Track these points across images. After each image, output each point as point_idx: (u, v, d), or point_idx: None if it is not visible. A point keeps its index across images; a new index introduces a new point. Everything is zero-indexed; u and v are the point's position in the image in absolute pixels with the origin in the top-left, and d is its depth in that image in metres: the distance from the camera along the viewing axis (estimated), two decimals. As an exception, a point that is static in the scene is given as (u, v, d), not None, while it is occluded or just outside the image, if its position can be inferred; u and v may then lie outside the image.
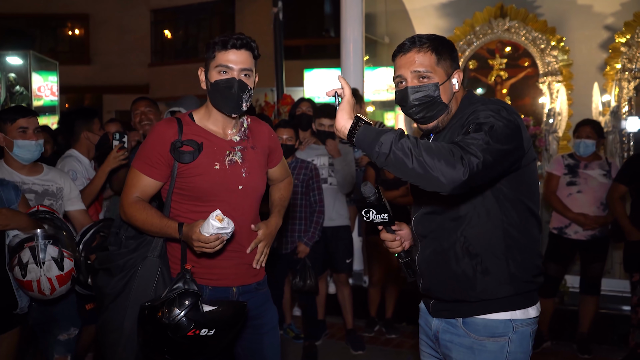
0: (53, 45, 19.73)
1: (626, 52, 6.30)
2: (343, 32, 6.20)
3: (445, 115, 1.95)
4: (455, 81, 1.95)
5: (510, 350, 1.92)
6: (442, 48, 1.93)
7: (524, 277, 1.91)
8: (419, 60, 1.91)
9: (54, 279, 2.66)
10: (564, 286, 4.96)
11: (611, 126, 6.07)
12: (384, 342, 4.87)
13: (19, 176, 3.04)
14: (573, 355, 4.55)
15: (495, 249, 1.89)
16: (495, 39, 7.08)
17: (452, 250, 1.93)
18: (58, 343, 3.07)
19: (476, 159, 1.66)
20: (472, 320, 1.94)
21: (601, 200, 4.50)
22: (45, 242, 2.65)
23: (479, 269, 1.90)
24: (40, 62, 9.12)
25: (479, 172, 1.67)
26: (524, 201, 1.90)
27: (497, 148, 1.72)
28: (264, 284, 2.47)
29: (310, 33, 17.09)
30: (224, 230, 2.04)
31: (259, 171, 2.39)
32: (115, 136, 3.58)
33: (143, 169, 2.26)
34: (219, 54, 2.19)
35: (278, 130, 4.21)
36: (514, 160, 1.82)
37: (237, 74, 2.20)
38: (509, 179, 1.87)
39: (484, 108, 1.83)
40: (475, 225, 1.90)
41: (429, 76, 1.91)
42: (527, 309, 1.94)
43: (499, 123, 1.76)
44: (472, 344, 1.94)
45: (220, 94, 2.21)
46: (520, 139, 1.81)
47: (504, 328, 1.91)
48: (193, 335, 2.02)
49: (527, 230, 1.92)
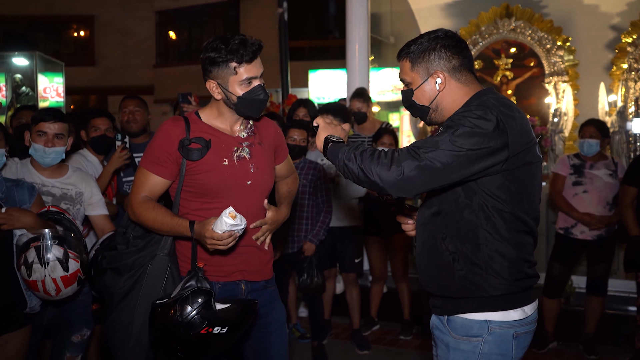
0: (57, 47, 19.78)
1: (632, 52, 6.28)
2: (348, 33, 6.20)
3: (434, 113, 2.01)
4: (440, 80, 1.95)
5: (484, 352, 1.91)
6: (420, 51, 1.96)
7: (503, 280, 1.89)
8: (400, 67, 2.04)
9: (59, 279, 2.63)
10: (569, 286, 4.94)
11: (617, 126, 6.05)
12: (389, 342, 4.87)
13: (39, 177, 3.02)
14: (579, 355, 4.54)
15: (471, 250, 1.89)
16: (501, 39, 7.05)
17: (435, 244, 1.96)
18: (71, 344, 3.08)
19: (414, 161, 1.75)
20: (453, 318, 1.96)
21: (607, 200, 4.49)
22: (50, 243, 2.63)
23: (457, 266, 1.91)
24: (46, 63, 9.14)
25: (418, 174, 1.75)
26: (506, 206, 1.87)
27: (453, 153, 1.75)
28: (271, 283, 2.47)
29: (314, 34, 17.10)
30: (237, 227, 2.05)
31: (266, 167, 2.39)
32: (117, 137, 3.58)
33: (151, 168, 2.26)
34: (240, 69, 2.20)
35: (290, 130, 4.21)
36: (489, 165, 1.80)
37: (260, 80, 2.26)
38: (490, 182, 1.85)
39: (467, 110, 1.84)
40: (453, 224, 1.91)
41: (406, 82, 2.04)
42: (508, 312, 1.91)
43: (467, 129, 1.77)
44: (449, 342, 1.96)
45: (250, 104, 2.25)
46: (500, 142, 1.78)
47: (478, 329, 1.91)
48: (206, 333, 2.02)
49: (510, 235, 1.89)
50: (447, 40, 1.97)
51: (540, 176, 1.99)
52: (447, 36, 1.98)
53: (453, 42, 1.97)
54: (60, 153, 3.01)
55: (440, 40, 1.97)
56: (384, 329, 5.11)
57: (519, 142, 1.83)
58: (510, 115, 1.84)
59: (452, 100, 1.97)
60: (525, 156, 1.87)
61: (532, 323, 1.98)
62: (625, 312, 4.77)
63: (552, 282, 4.64)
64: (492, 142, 1.78)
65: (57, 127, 2.98)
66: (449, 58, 1.96)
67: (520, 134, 1.84)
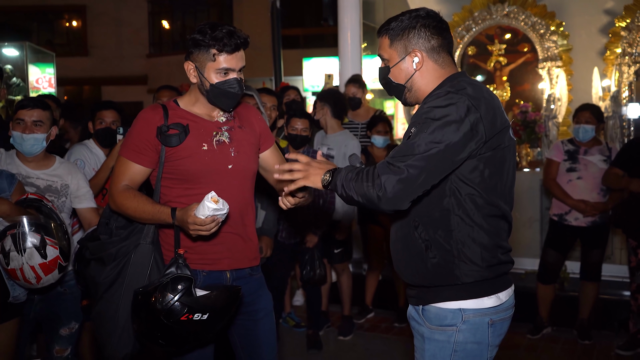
0: (50, 37, 19.66)
1: (626, 37, 6.24)
2: (340, 20, 6.16)
3: (409, 93, 1.99)
4: (417, 59, 1.93)
5: (458, 340, 1.89)
6: (399, 29, 1.94)
7: (476, 266, 1.86)
8: (379, 44, 2.01)
9: (37, 267, 2.60)
10: (564, 272, 4.95)
11: (611, 111, 6.02)
12: (384, 329, 4.87)
13: (24, 169, 2.98)
14: (573, 341, 4.55)
15: (443, 237, 1.87)
16: (494, 25, 7.01)
17: (409, 232, 1.93)
18: (60, 337, 3.06)
19: (395, 176, 1.72)
20: (428, 308, 1.94)
21: (601, 186, 4.47)
22: (27, 230, 2.58)
23: (430, 254, 1.89)
24: (36, 54, 9.05)
25: (403, 188, 1.71)
26: (478, 191, 1.84)
27: (431, 152, 1.72)
28: (257, 270, 2.46)
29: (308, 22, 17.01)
30: (220, 212, 2.02)
31: (248, 150, 2.37)
32: (118, 130, 3.54)
33: (131, 157, 2.25)
34: (220, 57, 2.18)
35: (292, 120, 4.14)
36: (470, 150, 1.77)
37: (237, 74, 2.23)
38: (463, 166, 1.82)
39: (434, 101, 1.82)
40: (426, 210, 1.88)
41: (384, 59, 2.01)
42: (482, 299, 1.89)
43: (439, 122, 1.74)
44: (424, 332, 1.95)
45: (223, 95, 2.24)
46: (475, 125, 1.76)
47: (452, 318, 1.89)
48: (186, 320, 2.00)
49: (482, 220, 1.86)
50: (428, 19, 1.94)
51: (514, 159, 1.96)
52: (429, 15, 1.95)
53: (434, 22, 1.94)
54: (39, 140, 2.94)
55: (421, 19, 1.94)
56: (379, 316, 5.11)
57: (492, 124, 1.81)
58: (481, 97, 1.82)
59: (427, 82, 1.95)
60: (499, 139, 1.85)
61: (508, 309, 1.95)
62: (620, 297, 4.78)
63: (546, 269, 4.64)
64: (466, 127, 1.75)
65: (35, 114, 2.92)
66: (428, 38, 1.93)
67: (493, 117, 1.82)
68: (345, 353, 4.48)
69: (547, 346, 4.51)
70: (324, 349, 4.45)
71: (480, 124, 1.77)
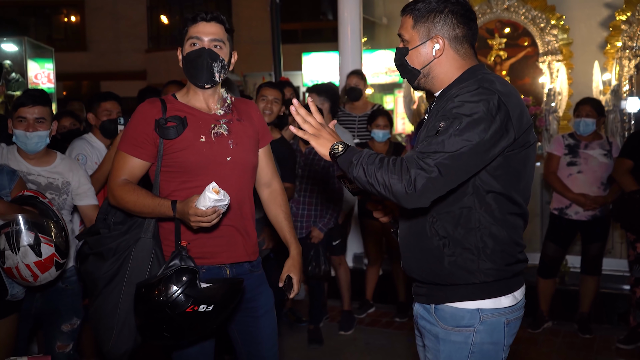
0: (49, 32, 19.59)
1: (627, 30, 6.22)
2: (340, 14, 6.14)
3: (424, 79, 1.92)
4: (438, 46, 1.86)
5: (476, 342, 1.84)
6: (425, 11, 1.86)
7: (495, 265, 1.82)
8: (402, 23, 1.93)
9: (33, 265, 2.57)
10: (564, 266, 4.95)
11: (612, 105, 6.00)
12: (385, 324, 4.88)
13: (25, 165, 2.95)
14: (574, 334, 4.55)
15: (462, 234, 1.81)
16: (495, 19, 6.98)
17: (424, 228, 1.87)
18: (61, 333, 3.05)
19: (425, 173, 1.65)
20: (442, 307, 1.88)
21: (602, 180, 4.47)
22: (20, 228, 2.56)
23: (447, 251, 1.83)
24: (35, 49, 9.02)
25: (433, 186, 1.65)
26: (501, 188, 1.80)
27: (462, 150, 1.66)
28: (257, 266, 2.45)
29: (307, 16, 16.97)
30: (221, 203, 2.01)
31: (247, 142, 2.36)
32: (120, 121, 3.52)
33: (130, 150, 2.25)
34: (190, 29, 2.27)
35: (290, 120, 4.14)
36: (501, 149, 1.73)
37: (207, 44, 2.25)
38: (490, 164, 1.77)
39: (463, 96, 1.74)
40: (445, 207, 1.82)
41: (404, 39, 1.93)
42: (500, 298, 1.84)
43: (469, 118, 1.68)
44: (439, 332, 1.88)
45: (192, 65, 2.26)
46: (506, 122, 1.72)
47: (470, 318, 1.83)
48: (192, 311, 1.99)
49: (503, 217, 1.82)
50: (457, 6, 1.86)
51: (534, 157, 1.92)
52: (458, 2, 1.87)
53: (462, 10, 1.86)
54: (43, 137, 2.92)
55: (450, 4, 1.86)
56: (380, 310, 5.12)
57: (520, 122, 1.77)
58: (509, 94, 1.77)
59: (445, 71, 1.89)
60: (526, 137, 1.81)
61: (521, 308, 1.93)
62: (620, 290, 4.78)
63: (546, 263, 4.64)
64: (497, 124, 1.70)
65: (37, 111, 2.89)
66: (453, 26, 1.86)
67: (520, 114, 1.78)
68: (346, 348, 4.48)
69: (547, 340, 4.51)
70: (325, 344, 4.45)
71: (510, 122, 1.73)
